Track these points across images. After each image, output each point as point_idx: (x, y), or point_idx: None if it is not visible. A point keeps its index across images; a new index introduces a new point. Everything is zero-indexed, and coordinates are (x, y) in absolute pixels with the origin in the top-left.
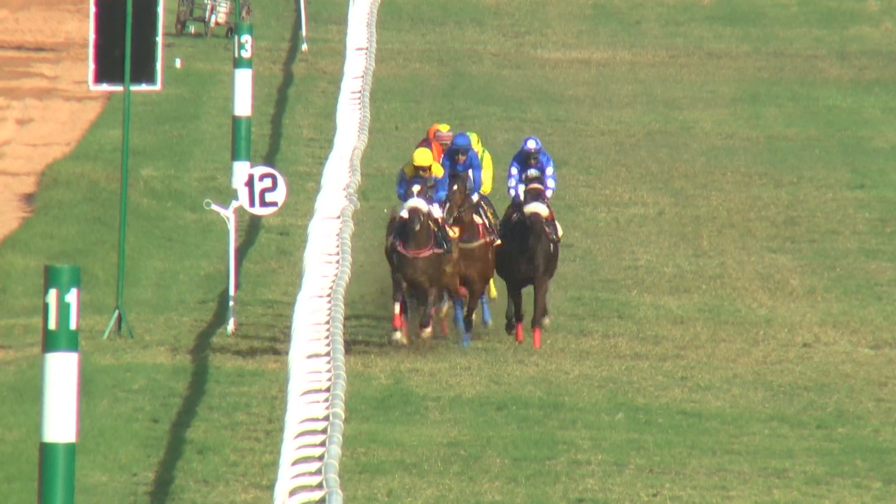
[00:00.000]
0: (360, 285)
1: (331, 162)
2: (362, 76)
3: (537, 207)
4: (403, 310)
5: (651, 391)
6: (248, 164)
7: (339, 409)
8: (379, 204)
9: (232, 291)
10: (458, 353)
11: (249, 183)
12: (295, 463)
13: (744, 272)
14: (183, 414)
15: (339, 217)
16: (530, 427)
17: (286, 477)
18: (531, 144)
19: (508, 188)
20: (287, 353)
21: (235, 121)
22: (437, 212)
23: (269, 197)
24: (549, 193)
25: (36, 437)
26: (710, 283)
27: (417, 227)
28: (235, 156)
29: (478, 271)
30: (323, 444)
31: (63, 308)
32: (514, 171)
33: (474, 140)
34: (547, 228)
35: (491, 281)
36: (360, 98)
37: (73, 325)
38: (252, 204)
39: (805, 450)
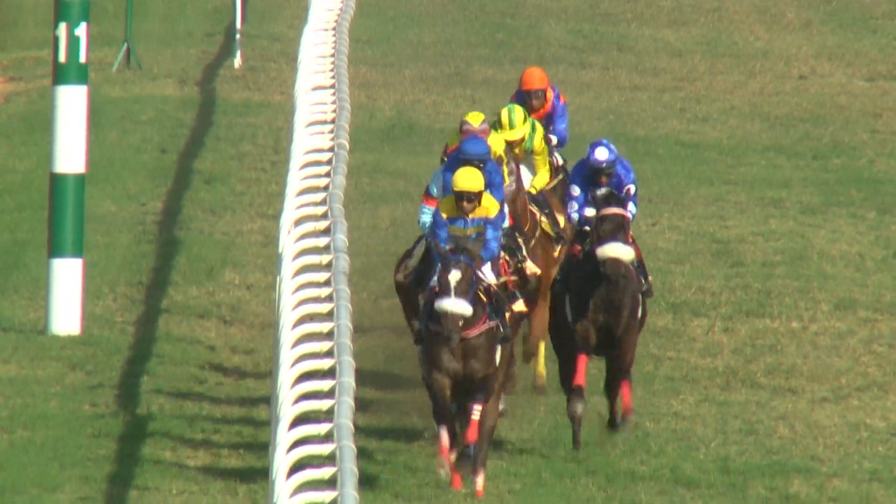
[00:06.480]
0: (363, 19)
1: None
2: None
3: (617, 250)
4: (453, 436)
5: (650, 122)
6: None
7: (344, 140)
8: None
9: (239, 24)
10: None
11: None
12: (300, 193)
13: (741, 5)
14: (190, 144)
15: None
16: None
17: (291, 207)
18: (601, 155)
19: (568, 214)
20: (293, 85)
21: None
22: (489, 276)
23: None
24: (629, 214)
25: (46, 167)
26: (708, 16)
27: (455, 344)
28: None
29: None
30: (328, 174)
31: (73, 41)
32: (576, 191)
33: (519, 117)
34: (633, 269)
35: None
36: None
37: (82, 59)
38: None
39: (801, 180)
